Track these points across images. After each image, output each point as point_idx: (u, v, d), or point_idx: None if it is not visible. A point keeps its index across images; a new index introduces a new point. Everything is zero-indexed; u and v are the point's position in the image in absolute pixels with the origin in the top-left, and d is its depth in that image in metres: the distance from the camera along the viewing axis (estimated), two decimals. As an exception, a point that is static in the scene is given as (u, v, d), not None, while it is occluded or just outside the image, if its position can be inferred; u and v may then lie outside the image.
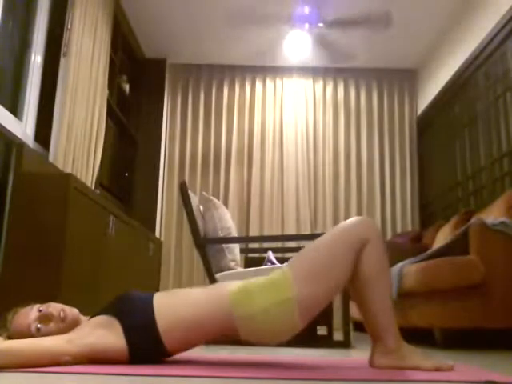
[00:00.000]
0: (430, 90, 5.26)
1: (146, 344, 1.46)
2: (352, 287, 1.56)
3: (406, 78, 5.67)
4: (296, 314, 1.43)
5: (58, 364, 1.36)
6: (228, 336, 1.53)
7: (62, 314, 1.51)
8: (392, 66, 5.62)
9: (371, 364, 1.52)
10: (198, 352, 2.17)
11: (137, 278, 3.74)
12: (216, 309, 1.47)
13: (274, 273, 1.51)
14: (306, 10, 4.43)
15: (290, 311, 1.43)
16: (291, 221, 5.27)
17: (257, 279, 1.52)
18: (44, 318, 1.49)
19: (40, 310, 1.50)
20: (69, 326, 1.50)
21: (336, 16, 4.50)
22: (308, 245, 1.53)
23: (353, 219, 1.54)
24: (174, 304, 1.50)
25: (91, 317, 1.53)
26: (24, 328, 1.47)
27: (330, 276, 1.46)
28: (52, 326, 1.49)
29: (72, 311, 1.54)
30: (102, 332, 1.44)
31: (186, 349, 1.53)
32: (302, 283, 1.44)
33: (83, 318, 1.57)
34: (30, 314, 1.49)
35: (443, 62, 4.94)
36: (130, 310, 1.48)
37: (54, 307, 1.52)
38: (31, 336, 1.46)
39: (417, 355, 1.48)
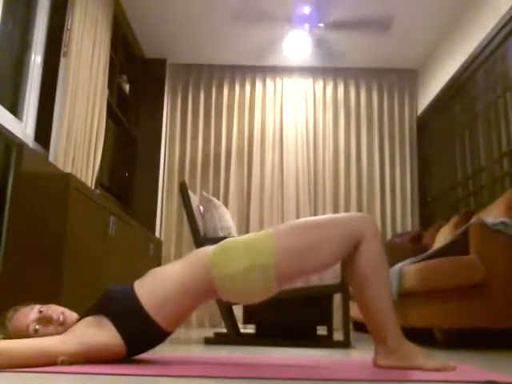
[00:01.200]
0: (430, 90, 5.26)
1: (141, 331, 1.46)
2: (351, 286, 1.56)
3: (406, 78, 5.67)
4: (273, 279, 1.45)
5: (55, 364, 1.36)
6: (211, 298, 1.56)
7: (61, 317, 1.50)
8: (392, 66, 5.62)
9: (374, 364, 1.52)
10: (198, 352, 2.17)
11: (137, 278, 3.73)
12: (197, 273, 1.49)
13: (258, 235, 1.52)
14: (306, 10, 4.43)
15: (268, 275, 1.45)
16: (291, 220, 5.26)
17: (238, 239, 1.53)
18: (43, 320, 1.49)
19: (40, 311, 1.50)
20: (67, 329, 1.50)
21: (336, 17, 4.49)
22: (300, 220, 1.54)
23: (353, 213, 1.55)
24: (156, 284, 1.51)
25: (79, 319, 1.53)
26: (22, 328, 1.47)
27: (310, 257, 1.47)
28: (51, 328, 1.49)
29: (72, 315, 1.54)
30: (94, 330, 1.44)
31: (181, 322, 1.54)
32: (282, 254, 1.46)
33: None
34: (29, 314, 1.49)
35: (443, 62, 4.94)
36: (115, 305, 1.48)
37: (55, 310, 1.52)
38: (28, 336, 1.45)
39: (419, 355, 1.47)
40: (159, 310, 1.47)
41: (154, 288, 1.49)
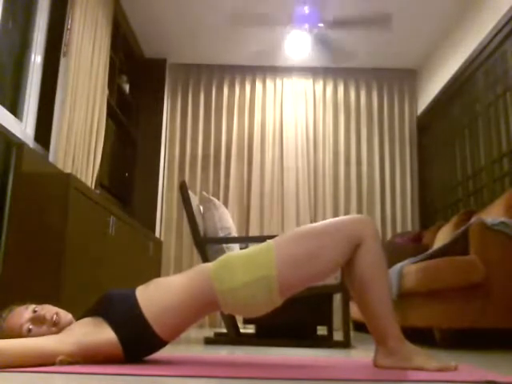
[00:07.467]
0: (430, 90, 5.26)
1: (138, 336, 1.45)
2: (350, 288, 1.55)
3: (405, 78, 5.67)
4: (276, 290, 1.45)
5: (52, 364, 1.36)
6: (212, 312, 1.55)
7: (55, 317, 1.50)
8: (392, 65, 5.62)
9: (374, 364, 1.52)
10: (198, 352, 2.17)
11: (137, 278, 3.73)
12: (198, 286, 1.49)
13: (258, 248, 1.51)
14: (306, 9, 4.42)
15: (270, 288, 1.44)
16: (291, 220, 5.27)
17: (239, 252, 1.53)
18: (37, 320, 1.48)
19: (35, 311, 1.50)
20: (61, 330, 1.50)
21: (336, 16, 4.49)
22: (299, 229, 1.53)
23: (350, 216, 1.54)
24: (158, 293, 1.50)
25: (77, 320, 1.53)
26: (16, 327, 1.46)
27: (312, 264, 1.46)
28: (44, 328, 1.48)
29: (66, 316, 1.54)
30: (91, 330, 1.43)
31: (179, 333, 1.54)
32: (284, 265, 1.45)
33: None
34: (23, 314, 1.49)
35: (443, 62, 4.94)
36: (115, 308, 1.47)
37: (48, 310, 1.51)
38: (22, 336, 1.45)
39: (420, 356, 1.46)
40: (159, 319, 1.46)
41: (155, 297, 1.49)
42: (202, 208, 2.96)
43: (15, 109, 3.01)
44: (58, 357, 1.36)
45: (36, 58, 3.19)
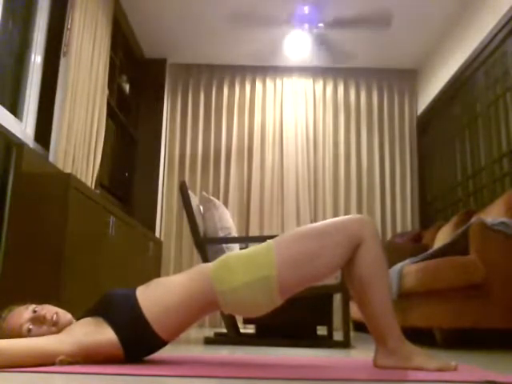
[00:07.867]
0: (430, 90, 5.26)
1: (139, 337, 1.46)
2: (350, 288, 1.56)
3: (405, 78, 5.67)
4: (276, 291, 1.45)
5: (52, 364, 1.36)
6: (212, 312, 1.56)
7: (54, 317, 1.50)
8: (392, 66, 5.62)
9: (374, 364, 1.52)
10: (198, 352, 2.17)
11: (137, 278, 3.73)
12: (199, 286, 1.49)
13: (259, 248, 1.51)
14: (306, 9, 4.42)
15: (270, 288, 1.45)
16: (291, 221, 5.27)
17: (239, 253, 1.53)
18: (37, 320, 1.48)
19: (35, 311, 1.50)
20: (61, 330, 1.50)
21: (336, 16, 4.49)
22: (299, 229, 1.53)
23: (350, 216, 1.54)
24: (158, 293, 1.50)
25: (77, 320, 1.53)
26: (16, 327, 1.46)
27: (312, 265, 1.46)
28: (44, 328, 1.48)
29: (66, 316, 1.54)
30: (92, 330, 1.43)
31: (179, 333, 1.54)
32: (284, 265, 1.45)
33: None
34: (23, 313, 1.49)
35: (443, 61, 4.94)
36: (115, 308, 1.47)
37: (48, 310, 1.51)
38: (21, 336, 1.45)
39: (420, 356, 1.46)
40: (159, 319, 1.46)
41: (155, 297, 1.49)
42: (201, 208, 2.96)
43: (15, 109, 3.01)
44: (58, 357, 1.36)
45: (36, 58, 3.19)
